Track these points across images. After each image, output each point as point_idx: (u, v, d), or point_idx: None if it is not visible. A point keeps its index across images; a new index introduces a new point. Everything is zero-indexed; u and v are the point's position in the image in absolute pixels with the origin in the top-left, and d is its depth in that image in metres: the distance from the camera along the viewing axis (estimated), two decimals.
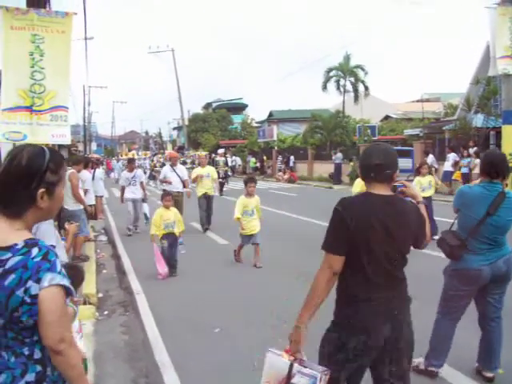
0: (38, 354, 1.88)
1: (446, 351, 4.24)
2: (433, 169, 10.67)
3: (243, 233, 8.65)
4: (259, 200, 8.87)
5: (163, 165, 29.13)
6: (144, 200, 12.98)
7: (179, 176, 12.38)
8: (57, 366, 1.88)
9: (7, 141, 7.96)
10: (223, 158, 27.31)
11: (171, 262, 8.19)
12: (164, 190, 11.84)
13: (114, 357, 5.02)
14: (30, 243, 1.84)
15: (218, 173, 23.32)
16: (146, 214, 12.70)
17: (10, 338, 1.85)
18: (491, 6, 15.57)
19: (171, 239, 8.19)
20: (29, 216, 1.91)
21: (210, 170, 13.06)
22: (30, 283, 1.78)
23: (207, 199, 12.47)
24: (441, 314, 4.31)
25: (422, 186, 10.60)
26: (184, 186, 12.39)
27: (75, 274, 3.86)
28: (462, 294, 4.17)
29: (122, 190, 12.77)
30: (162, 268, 7.93)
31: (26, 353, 1.86)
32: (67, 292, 1.89)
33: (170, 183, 12.20)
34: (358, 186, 9.03)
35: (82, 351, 3.71)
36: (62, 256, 4.06)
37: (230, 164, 34.26)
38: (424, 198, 9.64)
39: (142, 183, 12.87)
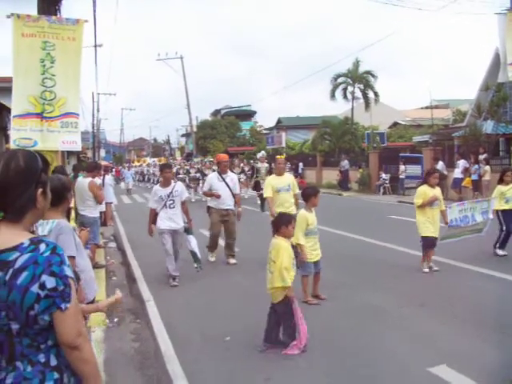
0: (54, 361, 1.85)
1: None
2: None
3: (309, 259, 6.64)
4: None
5: (187, 172, 24.91)
6: (189, 231, 8.13)
7: (229, 188, 9.18)
8: (72, 362, 1.84)
9: (18, 147, 7.99)
10: (266, 165, 19.60)
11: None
12: (208, 208, 9.51)
13: (124, 364, 4.99)
14: (36, 240, 1.83)
15: (260, 183, 18.66)
16: (194, 254, 8.05)
17: (26, 346, 1.81)
18: (501, 11, 15.57)
19: None
20: (27, 219, 1.90)
21: (290, 179, 9.01)
22: (43, 277, 1.76)
23: None
24: None
25: (505, 197, 9.17)
26: (235, 203, 9.28)
27: None
28: None
29: (152, 215, 8.10)
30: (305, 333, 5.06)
31: (42, 360, 1.83)
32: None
33: (218, 197, 9.07)
34: (421, 196, 8.24)
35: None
36: (87, 265, 3.96)
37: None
38: (508, 210, 9.18)
39: (183, 204, 8.14)
